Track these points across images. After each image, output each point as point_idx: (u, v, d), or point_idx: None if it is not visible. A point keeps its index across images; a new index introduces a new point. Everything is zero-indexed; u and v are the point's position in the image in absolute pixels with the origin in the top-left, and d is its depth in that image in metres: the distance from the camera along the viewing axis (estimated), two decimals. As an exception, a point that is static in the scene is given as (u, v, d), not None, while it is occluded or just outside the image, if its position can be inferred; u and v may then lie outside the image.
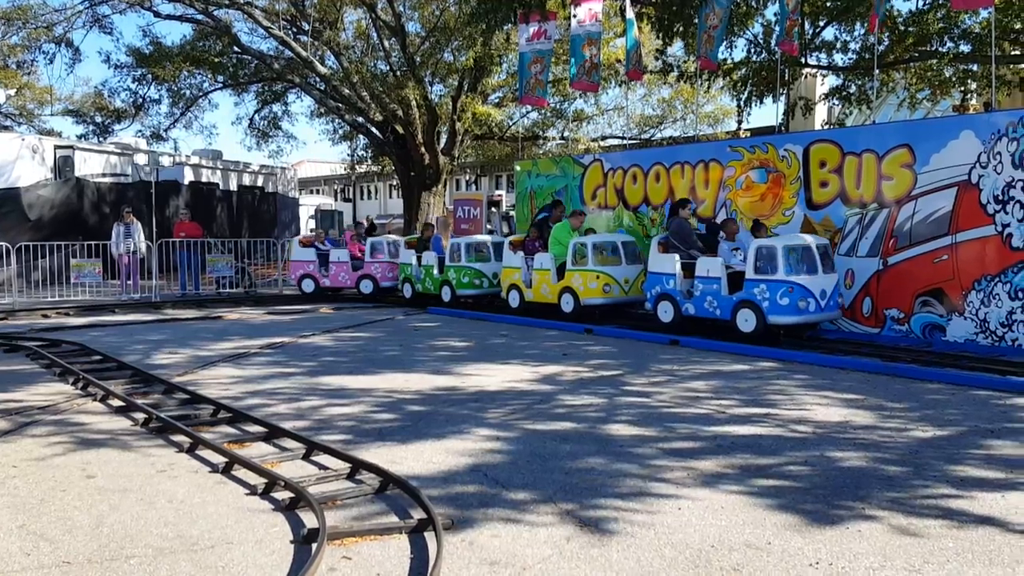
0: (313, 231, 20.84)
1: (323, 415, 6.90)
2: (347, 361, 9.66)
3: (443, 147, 26.32)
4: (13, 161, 20.48)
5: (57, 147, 22.59)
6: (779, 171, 11.92)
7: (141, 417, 6.72)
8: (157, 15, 25.35)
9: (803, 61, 18.48)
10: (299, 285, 17.46)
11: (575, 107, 29.35)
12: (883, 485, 4.91)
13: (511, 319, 13.41)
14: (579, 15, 14.97)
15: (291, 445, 5.88)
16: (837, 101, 19.80)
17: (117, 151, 25.04)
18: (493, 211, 24.11)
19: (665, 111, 31.94)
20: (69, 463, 5.56)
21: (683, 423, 6.49)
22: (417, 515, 4.38)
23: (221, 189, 28.87)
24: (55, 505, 4.75)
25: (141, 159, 25.87)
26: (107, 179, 24.19)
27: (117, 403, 7.29)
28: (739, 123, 22.39)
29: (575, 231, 13.12)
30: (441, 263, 15.22)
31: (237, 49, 26.02)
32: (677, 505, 4.61)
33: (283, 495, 4.76)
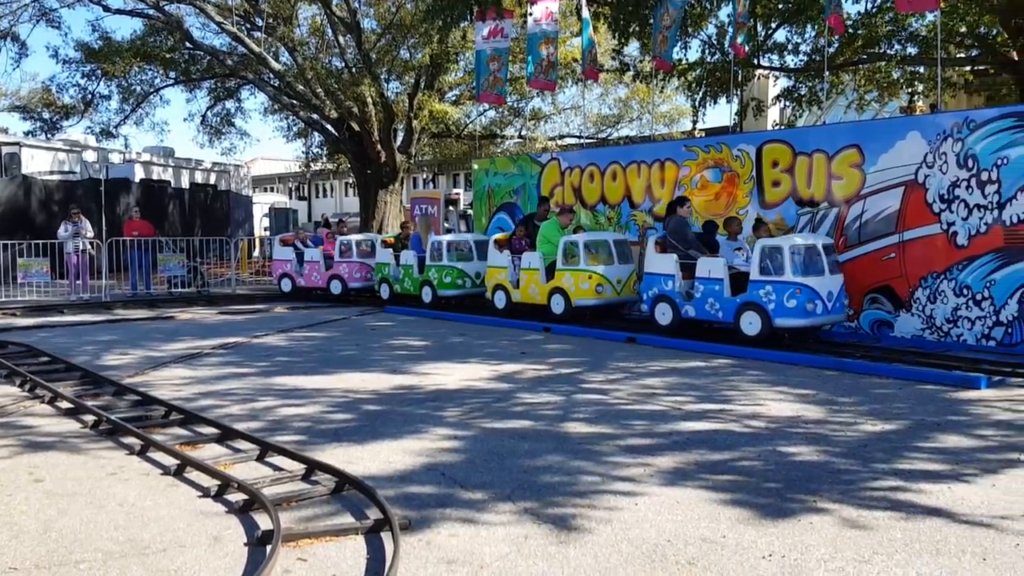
0: (294, 230, 20.38)
1: (278, 416, 6.83)
2: (302, 361, 9.57)
3: (400, 145, 26.20)
4: (-44, 158, 19.95)
5: (3, 144, 22.05)
6: (733, 171, 12.08)
7: (91, 419, 6.58)
8: (107, 9, 24.85)
9: (756, 62, 18.76)
10: (279, 284, 17.31)
11: (532, 106, 29.46)
12: (833, 478, 5.01)
13: (470, 318, 13.39)
14: (536, 13, 15.01)
15: (245, 446, 5.81)
16: (788, 102, 20.13)
17: (66, 148, 24.53)
18: (451, 209, 24.06)
19: (622, 111, 32.22)
20: (16, 467, 5.43)
21: (640, 420, 6.54)
22: (373, 515, 4.36)
23: (173, 187, 28.44)
24: (1, 510, 4.63)
25: (90, 156, 25.38)
26: (55, 177, 23.68)
27: (66, 405, 7.14)
28: (694, 123, 22.62)
29: (564, 229, 12.72)
30: (421, 262, 14.81)
31: (189, 45, 25.60)
32: (634, 501, 4.65)
33: (237, 497, 4.70)
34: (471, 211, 20.07)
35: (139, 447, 5.79)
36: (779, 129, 20.43)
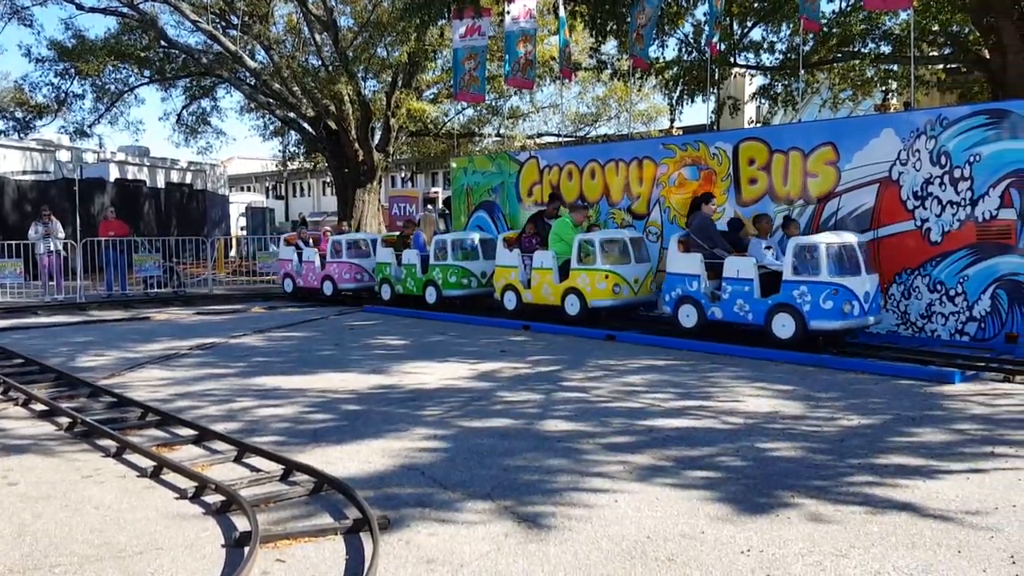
0: (297, 228, 19.96)
1: (255, 416, 6.78)
2: (280, 361, 9.52)
3: (377, 143, 26.11)
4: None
5: (-26, 143, 21.72)
6: (710, 168, 12.13)
7: (65, 421, 6.52)
8: (80, 8, 24.58)
9: (732, 61, 18.87)
10: (282, 284, 17.15)
11: (511, 104, 29.46)
12: (811, 473, 5.05)
13: (449, 317, 13.36)
14: (513, 11, 15.01)
15: (222, 448, 5.77)
16: (764, 100, 20.26)
17: (39, 148, 24.22)
18: (429, 208, 24.01)
19: (600, 109, 32.30)
20: (-12, 471, 5.36)
21: (619, 417, 6.56)
22: (352, 516, 4.34)
23: (148, 186, 28.18)
24: (-27, 515, 4.57)
25: (64, 156, 25.07)
26: (28, 177, 23.38)
27: (40, 407, 7.06)
28: (672, 121, 22.73)
29: (578, 227, 12.18)
30: (424, 262, 14.27)
31: (164, 43, 25.39)
32: (614, 498, 4.66)
33: (214, 498, 4.66)
34: (449, 210, 20.02)
35: (115, 449, 5.73)
36: (755, 127, 20.57)
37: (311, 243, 16.89)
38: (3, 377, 8.02)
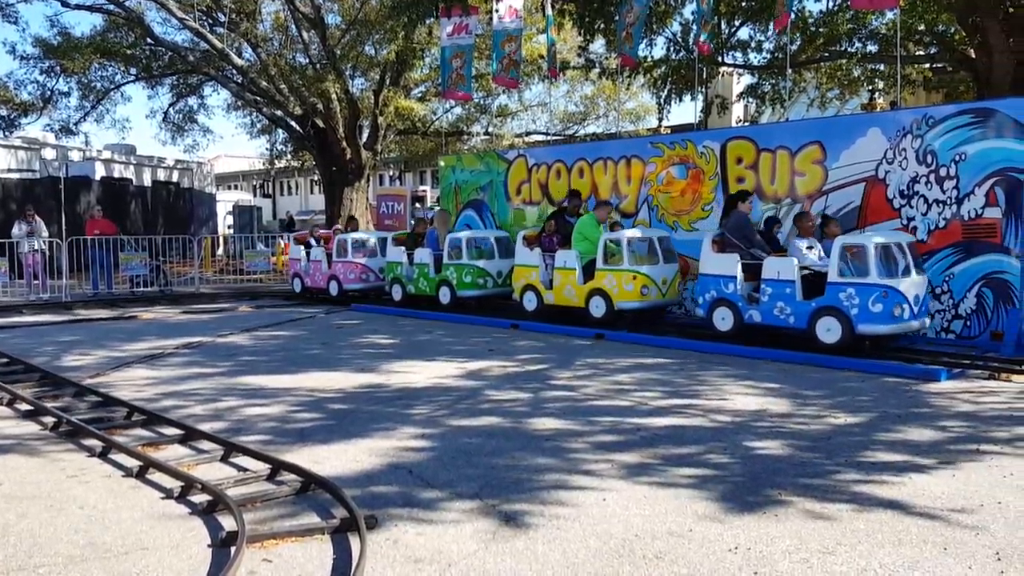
0: (309, 226, 19.40)
1: (242, 416, 6.75)
2: (267, 360, 9.48)
3: (365, 142, 26.06)
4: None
5: (-42, 141, 21.57)
6: (698, 167, 12.16)
7: (50, 421, 6.47)
8: (65, 4, 24.38)
9: (720, 60, 18.92)
10: (292, 284, 16.89)
11: (499, 103, 29.44)
12: (798, 471, 5.06)
13: (437, 315, 13.34)
14: (500, 10, 14.99)
15: (209, 447, 5.73)
16: (752, 99, 20.32)
17: (24, 146, 24.05)
18: (417, 206, 23.97)
19: (588, 108, 32.32)
20: (-29, 471, 5.31)
21: (607, 416, 6.56)
22: (340, 515, 4.32)
23: (135, 185, 28.06)
24: (-44, 516, 4.53)
25: (49, 154, 24.93)
26: (13, 175, 23.22)
27: (25, 407, 7.00)
28: (660, 120, 22.76)
29: (601, 224, 11.72)
30: (438, 261, 13.76)
31: (150, 41, 25.25)
32: (602, 497, 4.66)
33: (200, 498, 4.63)
34: (438, 208, 19.99)
35: (100, 449, 5.69)
36: (743, 126, 20.63)
37: (321, 242, 16.46)
38: (-13, 377, 7.95)
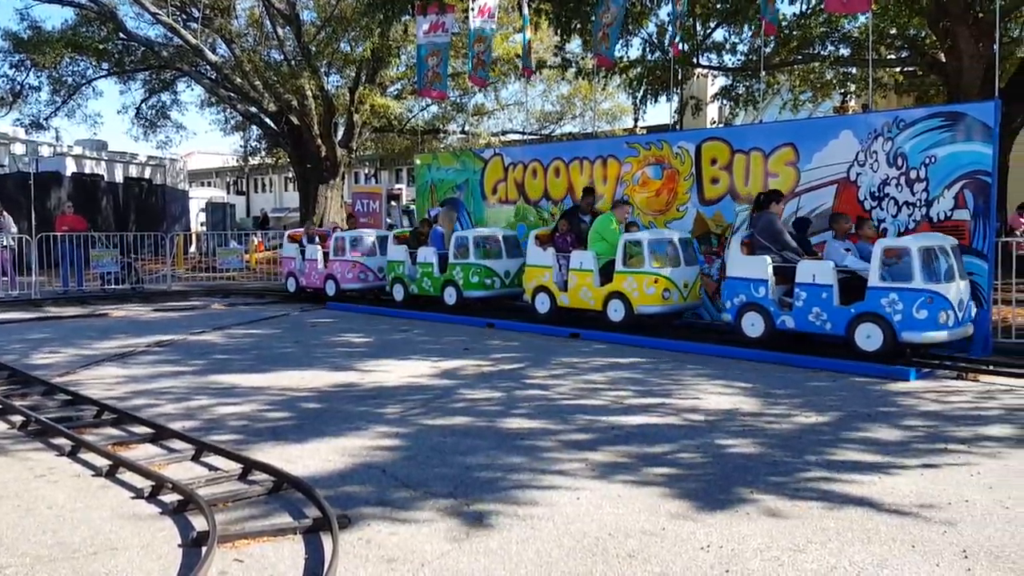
0: (306, 224, 18.92)
1: (214, 414, 6.70)
2: (240, 359, 9.41)
3: (340, 139, 25.94)
4: None
5: (-76, 136, 21.21)
6: (673, 168, 12.22)
7: (18, 420, 6.38)
8: (35, -3, 24.07)
9: (695, 61, 19.04)
10: (285, 283, 16.48)
11: (475, 102, 29.42)
12: (769, 470, 5.11)
13: (412, 314, 13.29)
14: (475, 9, 14.99)
15: (180, 446, 5.68)
16: (726, 101, 20.47)
17: (-9, 140, 23.71)
18: (393, 205, 23.89)
19: (564, 107, 32.41)
20: (-64, 471, 5.23)
21: (581, 414, 6.58)
22: (312, 515, 4.30)
23: (106, 181, 27.75)
24: (-80, 516, 4.45)
25: (19, 149, 24.60)
26: (-19, 170, 22.87)
27: (-9, 406, 6.90)
28: (636, 120, 22.87)
29: (620, 224, 11.25)
30: (443, 260, 13.31)
31: (123, 36, 24.95)
32: (575, 496, 4.67)
33: (171, 498, 4.59)
34: (414, 206, 19.94)
35: (69, 448, 5.63)
36: (718, 127, 20.77)
37: (316, 240, 16.13)
38: (-47, 375, 7.83)
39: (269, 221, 36.71)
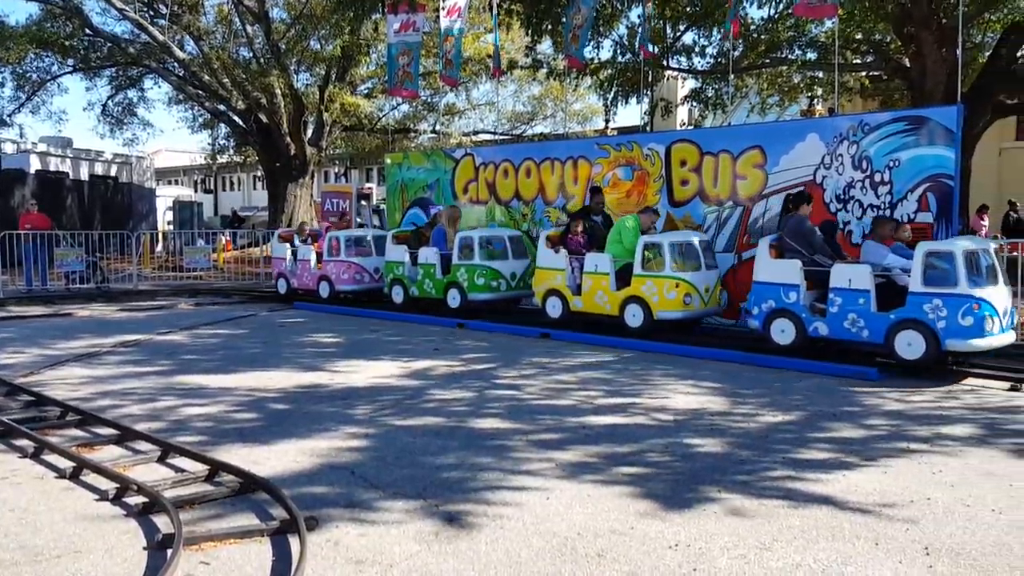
0: (298, 224, 18.42)
1: (180, 416, 6.63)
2: (206, 359, 9.32)
3: (310, 137, 25.78)
4: None
5: None
6: (643, 169, 12.29)
7: (-22, 422, 6.26)
8: (-3, -9, 23.64)
9: (665, 64, 19.17)
10: (276, 285, 15.99)
11: (446, 101, 29.38)
12: (736, 469, 5.16)
13: (382, 314, 13.24)
14: (444, 9, 14.99)
15: (145, 448, 5.62)
16: (696, 103, 20.64)
17: (-48, 136, 23.26)
18: (363, 204, 23.78)
19: (536, 108, 32.48)
20: None
21: (551, 415, 6.60)
22: (280, 516, 4.28)
23: (71, 178, 27.32)
24: None
25: (-19, 145, 24.14)
26: (-59, 166, 22.44)
27: (-50, 408, 6.77)
28: (606, 121, 22.98)
29: (644, 234, 10.69)
30: (446, 261, 12.89)
31: (89, 31, 24.59)
32: (544, 496, 4.69)
33: (136, 500, 4.54)
34: (384, 205, 19.86)
35: (32, 450, 5.54)
36: (687, 129, 20.92)
37: (308, 241, 15.79)
38: (-89, 375, 7.68)
39: (241, 220, 36.27)
